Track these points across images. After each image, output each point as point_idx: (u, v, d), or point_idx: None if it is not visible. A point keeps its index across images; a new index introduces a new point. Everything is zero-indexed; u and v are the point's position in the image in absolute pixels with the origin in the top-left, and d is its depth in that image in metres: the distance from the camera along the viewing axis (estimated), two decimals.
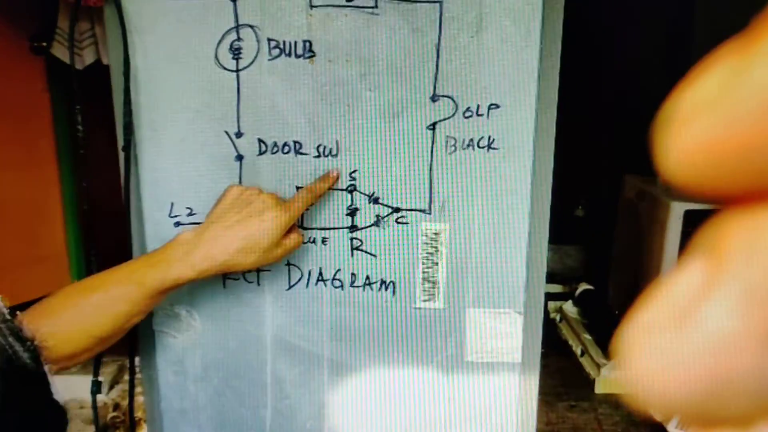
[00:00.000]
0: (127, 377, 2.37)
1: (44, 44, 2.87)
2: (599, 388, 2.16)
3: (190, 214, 1.14)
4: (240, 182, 1.12)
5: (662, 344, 0.13)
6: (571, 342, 2.42)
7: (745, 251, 0.13)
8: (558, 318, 2.62)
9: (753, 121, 0.12)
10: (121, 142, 1.09)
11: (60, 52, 2.66)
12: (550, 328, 2.55)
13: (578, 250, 3.20)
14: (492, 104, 1.10)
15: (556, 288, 2.96)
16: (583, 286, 2.62)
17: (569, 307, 2.60)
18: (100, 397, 2.33)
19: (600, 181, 3.15)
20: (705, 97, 0.13)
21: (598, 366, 2.15)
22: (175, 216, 1.15)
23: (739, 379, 0.12)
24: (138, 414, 2.29)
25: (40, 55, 2.96)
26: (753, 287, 0.12)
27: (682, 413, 0.13)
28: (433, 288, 1.18)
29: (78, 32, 2.69)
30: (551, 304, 2.79)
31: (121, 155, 1.09)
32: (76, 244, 3.15)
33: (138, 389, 1.39)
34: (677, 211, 2.07)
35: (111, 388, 2.48)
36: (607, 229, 2.89)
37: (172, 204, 1.14)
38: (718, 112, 0.13)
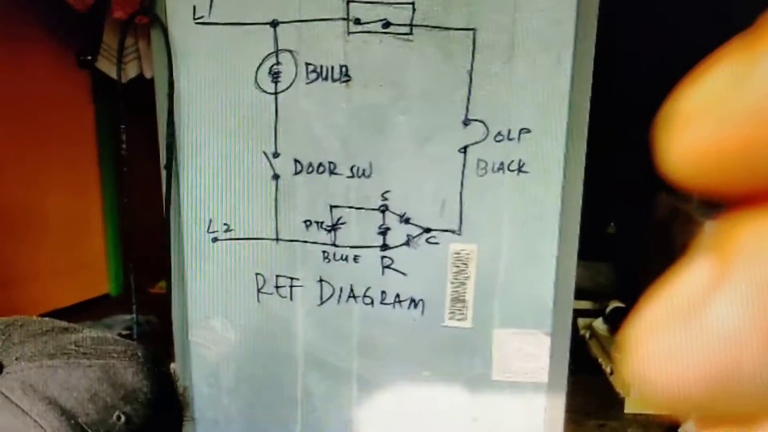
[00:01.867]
0: None
1: (89, 58, 2.97)
2: (629, 408, 2.14)
3: (227, 230, 1.19)
4: (276, 200, 1.16)
5: (668, 341, 0.13)
6: (600, 360, 2.41)
7: (753, 249, 0.13)
8: (587, 335, 2.61)
9: (756, 122, 0.12)
10: (163, 161, 1.14)
11: (105, 65, 2.75)
12: (579, 346, 2.54)
13: (609, 268, 3.18)
14: (523, 128, 1.12)
15: (585, 305, 2.94)
16: (614, 304, 2.60)
17: (599, 324, 2.59)
18: None
19: (632, 198, 3.13)
20: (708, 96, 0.13)
21: (629, 385, 2.14)
22: (213, 232, 1.19)
23: (746, 376, 0.12)
24: None
25: (85, 69, 3.07)
26: (760, 284, 0.12)
27: (688, 410, 0.13)
28: (462, 307, 1.20)
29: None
30: (581, 321, 2.77)
31: (164, 173, 1.14)
32: (114, 253, 3.24)
33: None
34: (711, 229, 2.06)
35: None
36: (639, 246, 2.88)
37: (211, 220, 1.18)
38: (720, 111, 0.13)
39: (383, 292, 1.21)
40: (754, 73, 0.12)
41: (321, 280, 1.21)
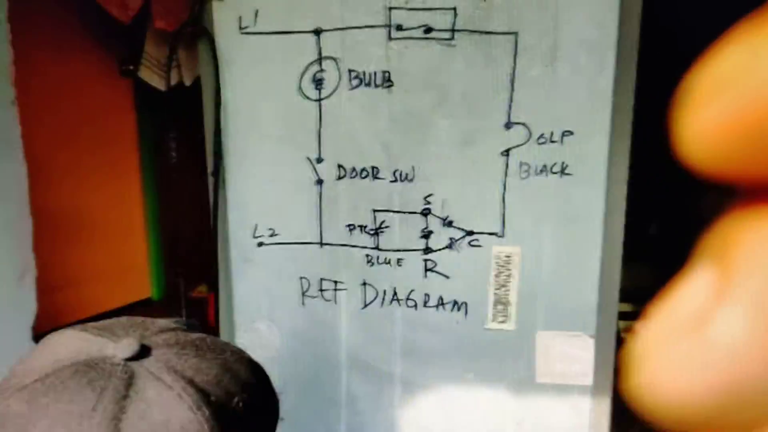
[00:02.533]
0: None
1: (131, 67, 3.04)
2: None
3: (272, 235, 1.21)
4: (320, 205, 1.18)
5: (673, 355, 0.13)
6: None
7: (755, 258, 0.13)
8: (628, 338, 2.58)
9: None
10: (210, 168, 1.16)
11: (147, 74, 2.81)
12: (619, 348, 2.52)
13: (650, 269, 3.14)
14: (566, 131, 1.12)
15: (626, 307, 2.91)
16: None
17: (639, 326, 2.55)
18: None
19: (676, 198, 3.08)
20: (725, 73, 0.13)
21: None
22: (259, 236, 1.21)
23: (752, 388, 0.12)
24: None
25: (127, 78, 3.14)
26: (763, 294, 0.12)
27: (694, 424, 0.13)
28: (505, 309, 1.20)
29: (163, 55, 2.85)
30: (621, 324, 2.74)
31: (211, 180, 1.16)
32: (156, 258, 3.30)
33: None
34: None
35: None
36: (682, 247, 2.83)
37: (256, 225, 1.20)
38: (738, 88, 0.12)
39: (426, 295, 1.21)
40: None
41: (364, 284, 1.22)
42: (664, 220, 3.54)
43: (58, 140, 2.71)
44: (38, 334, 1.45)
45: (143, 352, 0.58)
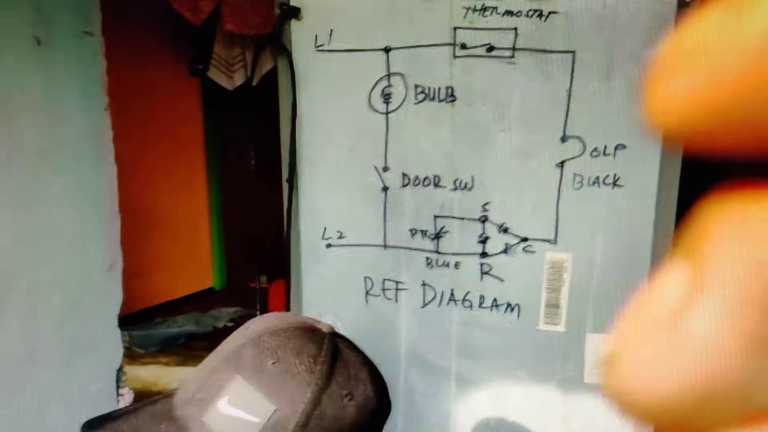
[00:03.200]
0: None
1: (200, 67, 3.19)
2: None
3: (340, 237, 1.30)
4: (385, 210, 1.27)
5: (648, 352, 0.13)
6: None
7: (725, 249, 0.12)
8: None
9: (752, 66, 0.12)
10: (285, 175, 1.27)
11: (215, 74, 2.96)
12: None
13: None
14: (619, 144, 1.18)
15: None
16: None
17: None
18: None
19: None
20: (698, 41, 0.12)
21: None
22: (327, 239, 1.31)
23: (725, 384, 0.12)
24: None
25: (196, 77, 3.30)
26: (736, 290, 0.12)
27: (669, 421, 0.13)
28: (556, 312, 1.27)
29: (231, 56, 2.98)
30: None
31: (285, 186, 1.26)
32: (219, 250, 3.46)
33: None
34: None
35: None
36: None
37: (325, 228, 1.30)
38: (711, 57, 0.12)
39: (482, 297, 1.29)
40: (750, 15, 0.12)
41: (424, 284, 1.31)
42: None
43: (134, 138, 2.87)
44: (120, 319, 1.59)
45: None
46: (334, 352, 0.72)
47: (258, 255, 3.01)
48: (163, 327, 3.13)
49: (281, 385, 0.66)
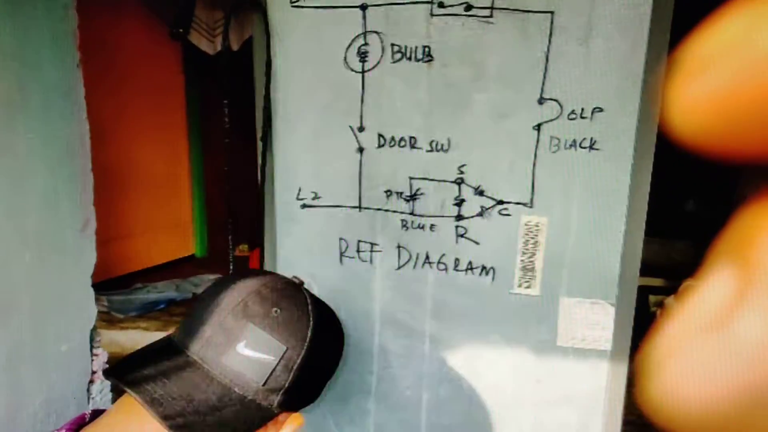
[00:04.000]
0: None
1: (181, 31, 3.14)
2: None
3: (315, 198, 1.29)
4: (360, 171, 1.26)
5: (694, 359, 0.12)
6: None
7: None
8: (658, 312, 2.63)
9: None
10: (260, 133, 1.25)
11: (196, 38, 2.91)
12: (649, 321, 2.56)
13: (685, 245, 3.16)
14: (596, 107, 1.18)
15: (658, 282, 2.94)
16: (688, 282, 2.61)
17: (670, 301, 2.60)
18: None
19: (713, 175, 3.08)
20: (722, 43, 0.12)
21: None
22: (302, 198, 1.30)
23: None
24: None
25: (177, 41, 3.24)
26: None
27: (713, 428, 0.12)
28: (530, 276, 1.28)
29: (212, 20, 2.93)
30: (652, 298, 2.79)
31: (260, 144, 1.25)
32: (200, 214, 3.44)
33: None
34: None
35: None
36: (721, 224, 2.85)
37: (300, 188, 1.29)
38: (732, 62, 0.12)
39: (457, 260, 1.29)
40: None
41: (399, 247, 1.30)
42: (701, 197, 3.54)
43: (110, 100, 2.83)
44: (94, 284, 1.58)
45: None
46: (312, 300, 0.88)
47: (237, 221, 2.99)
48: (143, 292, 3.11)
49: (287, 329, 0.81)
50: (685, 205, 3.96)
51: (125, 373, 0.78)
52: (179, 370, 0.78)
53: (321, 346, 0.85)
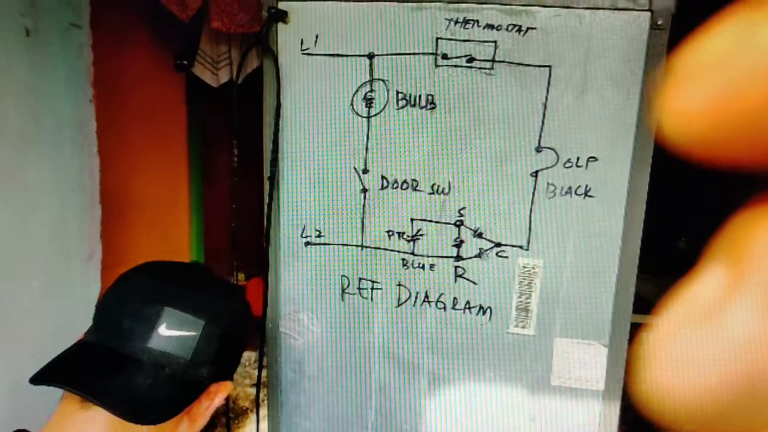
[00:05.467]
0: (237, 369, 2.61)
1: (186, 63, 3.20)
2: None
3: (318, 236, 1.34)
4: (363, 212, 1.31)
5: (683, 349, 0.13)
6: None
7: (767, 252, 0.12)
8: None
9: (764, 82, 0.12)
10: (267, 173, 1.30)
11: (200, 71, 2.97)
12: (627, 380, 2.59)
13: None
14: (591, 157, 1.23)
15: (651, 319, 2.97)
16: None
17: None
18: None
19: (704, 213, 3.14)
20: (715, 52, 0.12)
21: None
22: (306, 237, 1.34)
23: (763, 383, 0.12)
24: (246, 404, 2.53)
25: (181, 72, 3.30)
26: None
27: (705, 421, 0.12)
28: (526, 316, 1.32)
29: (216, 54, 3.00)
30: (636, 351, 2.81)
31: (266, 184, 1.29)
32: (197, 243, 3.47)
33: (246, 381, 1.59)
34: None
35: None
36: None
37: (304, 227, 1.34)
38: (727, 70, 0.12)
39: (455, 299, 1.33)
40: (763, 30, 0.12)
41: (399, 285, 1.35)
42: (694, 235, 3.60)
43: (114, 129, 2.88)
44: None
45: None
46: (217, 277, 0.96)
47: (237, 252, 3.03)
48: None
49: (203, 305, 0.86)
50: (678, 243, 4.03)
51: (54, 378, 0.80)
52: (109, 363, 0.82)
53: (236, 316, 0.92)
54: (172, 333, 0.83)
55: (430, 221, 1.30)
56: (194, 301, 0.87)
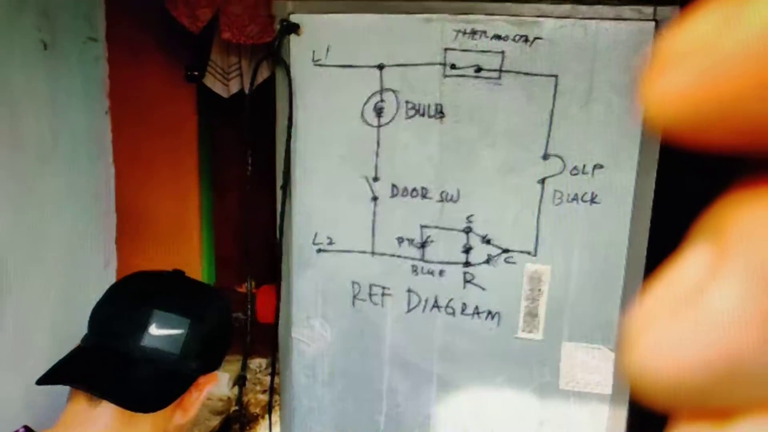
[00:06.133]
0: (248, 376, 2.64)
1: (197, 73, 3.24)
2: None
3: (330, 243, 1.37)
4: (374, 219, 1.34)
5: (668, 329, 0.13)
6: None
7: (750, 232, 0.13)
8: None
9: (748, 65, 0.12)
10: (280, 182, 1.33)
11: (210, 81, 3.01)
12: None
13: None
14: (597, 164, 1.26)
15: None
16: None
17: None
18: (224, 392, 2.60)
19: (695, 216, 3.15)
20: (698, 36, 0.13)
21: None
22: (318, 244, 1.37)
23: (747, 362, 0.12)
24: (257, 410, 2.56)
25: (192, 83, 3.34)
26: (759, 267, 0.12)
27: (686, 399, 0.13)
28: (534, 321, 1.34)
29: (227, 64, 3.04)
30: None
31: (279, 192, 1.33)
32: (208, 254, 3.50)
33: (257, 387, 1.62)
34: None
35: (234, 384, 2.75)
36: None
37: (316, 234, 1.37)
38: (710, 53, 0.12)
39: (464, 304, 1.36)
40: (750, 12, 0.12)
41: (409, 291, 1.37)
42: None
43: (125, 139, 2.92)
44: None
45: None
46: (196, 281, 1.07)
47: (248, 260, 3.06)
48: None
49: (188, 306, 0.95)
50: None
51: (60, 378, 0.91)
52: (107, 362, 0.91)
53: (219, 315, 1.01)
54: (161, 332, 0.92)
55: (440, 228, 1.33)
56: (180, 302, 0.96)
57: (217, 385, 1.10)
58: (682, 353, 0.13)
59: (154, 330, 0.91)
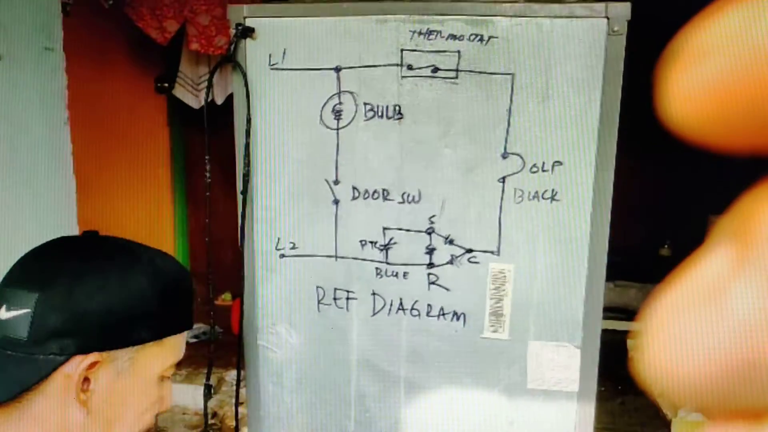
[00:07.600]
0: (224, 388, 2.62)
1: (166, 85, 3.23)
2: (675, 430, 2.19)
3: (293, 248, 1.36)
4: (336, 222, 1.33)
5: (687, 328, 0.12)
6: None
7: None
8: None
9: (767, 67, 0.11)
10: (240, 187, 1.32)
11: (181, 93, 3.00)
12: (628, 366, 2.61)
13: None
14: (556, 161, 1.26)
15: (636, 326, 2.99)
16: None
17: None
18: (201, 407, 2.57)
19: (686, 220, 3.18)
20: (720, 35, 0.12)
21: (675, 407, 2.20)
22: (280, 249, 1.36)
23: (765, 365, 0.11)
24: (233, 423, 2.52)
25: (162, 95, 3.33)
26: None
27: (704, 400, 0.12)
28: (499, 320, 1.34)
29: (197, 75, 3.03)
30: (630, 342, 2.83)
31: (239, 198, 1.31)
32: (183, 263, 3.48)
33: (233, 400, 1.60)
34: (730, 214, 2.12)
35: (210, 397, 2.71)
36: None
37: (279, 239, 1.35)
38: (731, 53, 0.12)
39: (429, 306, 1.35)
40: None
41: (374, 294, 1.36)
42: (676, 241, 3.64)
43: (96, 154, 2.89)
44: None
45: None
46: (71, 239, 0.93)
47: (221, 271, 3.04)
48: None
49: (37, 276, 0.80)
50: (661, 249, 4.07)
51: None
52: None
53: (87, 279, 0.81)
54: (11, 314, 0.78)
55: (402, 230, 1.32)
56: (29, 273, 0.81)
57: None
58: (699, 353, 0.12)
59: (4, 313, 0.78)
